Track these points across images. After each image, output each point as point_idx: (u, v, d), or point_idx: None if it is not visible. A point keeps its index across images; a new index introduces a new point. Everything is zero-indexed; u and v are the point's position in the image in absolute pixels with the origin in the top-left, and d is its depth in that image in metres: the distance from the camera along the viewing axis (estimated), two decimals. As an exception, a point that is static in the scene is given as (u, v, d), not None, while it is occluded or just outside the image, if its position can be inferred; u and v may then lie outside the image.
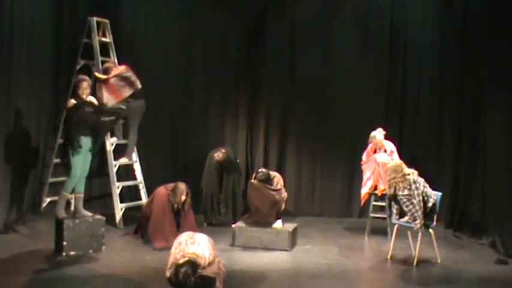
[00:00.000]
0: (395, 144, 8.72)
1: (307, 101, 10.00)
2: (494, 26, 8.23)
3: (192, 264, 4.79)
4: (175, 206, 7.71)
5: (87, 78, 7.60)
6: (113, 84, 8.61)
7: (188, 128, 10.10)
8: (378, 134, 8.57)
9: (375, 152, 8.68)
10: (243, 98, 10.12)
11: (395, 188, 7.19)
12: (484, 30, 8.56)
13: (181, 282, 4.73)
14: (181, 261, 4.82)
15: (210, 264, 4.97)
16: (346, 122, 9.97)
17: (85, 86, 7.38)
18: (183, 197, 7.71)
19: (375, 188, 8.59)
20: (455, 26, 9.31)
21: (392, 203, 7.41)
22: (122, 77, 8.64)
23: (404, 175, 7.15)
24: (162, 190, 7.83)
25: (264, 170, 8.14)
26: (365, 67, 9.90)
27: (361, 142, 8.99)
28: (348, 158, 9.82)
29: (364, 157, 8.72)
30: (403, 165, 7.26)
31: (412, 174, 7.17)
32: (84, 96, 7.34)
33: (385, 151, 8.59)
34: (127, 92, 8.66)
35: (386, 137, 8.67)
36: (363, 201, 8.84)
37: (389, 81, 9.87)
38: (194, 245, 4.98)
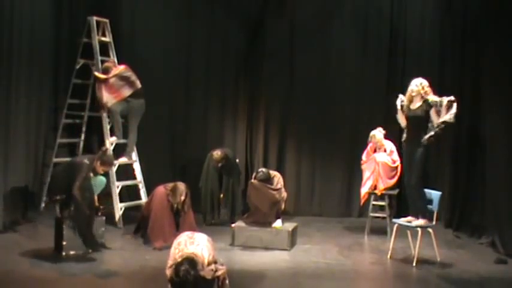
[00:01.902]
0: (394, 144, 8.72)
1: (307, 101, 10.00)
2: (494, 26, 8.23)
3: (191, 260, 4.80)
4: (175, 206, 7.71)
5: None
6: (112, 83, 8.65)
7: (188, 128, 10.11)
8: (378, 133, 8.58)
9: (374, 151, 8.69)
10: (243, 98, 10.13)
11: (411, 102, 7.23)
12: (484, 30, 8.55)
13: (182, 279, 4.74)
14: (180, 259, 4.83)
15: (209, 264, 4.97)
16: (346, 121, 9.97)
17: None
18: (182, 198, 7.70)
19: (375, 187, 8.59)
20: (455, 26, 9.30)
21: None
22: (121, 77, 8.69)
23: (427, 93, 7.17)
24: (161, 190, 7.82)
25: (264, 169, 8.14)
26: (365, 67, 9.91)
27: (361, 142, 8.99)
28: (348, 157, 9.82)
29: (363, 157, 8.72)
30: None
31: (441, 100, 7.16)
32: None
33: (385, 150, 8.59)
34: (127, 92, 8.72)
35: (386, 137, 8.67)
36: (362, 201, 8.84)
37: (388, 81, 9.86)
38: (193, 245, 4.98)
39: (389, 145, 8.63)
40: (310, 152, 10.08)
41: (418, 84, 7.28)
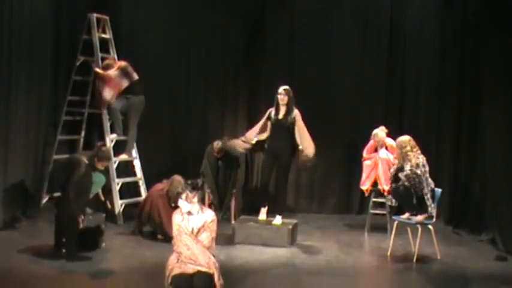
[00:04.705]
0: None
1: (307, 99, 9.89)
2: (494, 25, 8.22)
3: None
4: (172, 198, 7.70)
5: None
6: (114, 77, 8.65)
7: (188, 126, 10.10)
8: (380, 132, 8.55)
9: (375, 150, 8.64)
10: (243, 97, 10.11)
11: (404, 160, 7.26)
12: (484, 30, 8.54)
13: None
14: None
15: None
16: (346, 120, 9.95)
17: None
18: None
19: (375, 184, 8.55)
20: (454, 25, 9.29)
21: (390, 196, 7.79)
22: (122, 70, 8.70)
23: (417, 150, 7.31)
24: (158, 186, 7.86)
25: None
26: (364, 66, 9.88)
27: (361, 140, 8.98)
28: (348, 154, 9.80)
29: (364, 153, 8.69)
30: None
31: (422, 158, 7.26)
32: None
33: (387, 148, 8.57)
34: (124, 84, 8.70)
35: (388, 135, 8.66)
36: (367, 194, 8.77)
37: (388, 80, 9.85)
38: None
39: (391, 141, 8.61)
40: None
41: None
